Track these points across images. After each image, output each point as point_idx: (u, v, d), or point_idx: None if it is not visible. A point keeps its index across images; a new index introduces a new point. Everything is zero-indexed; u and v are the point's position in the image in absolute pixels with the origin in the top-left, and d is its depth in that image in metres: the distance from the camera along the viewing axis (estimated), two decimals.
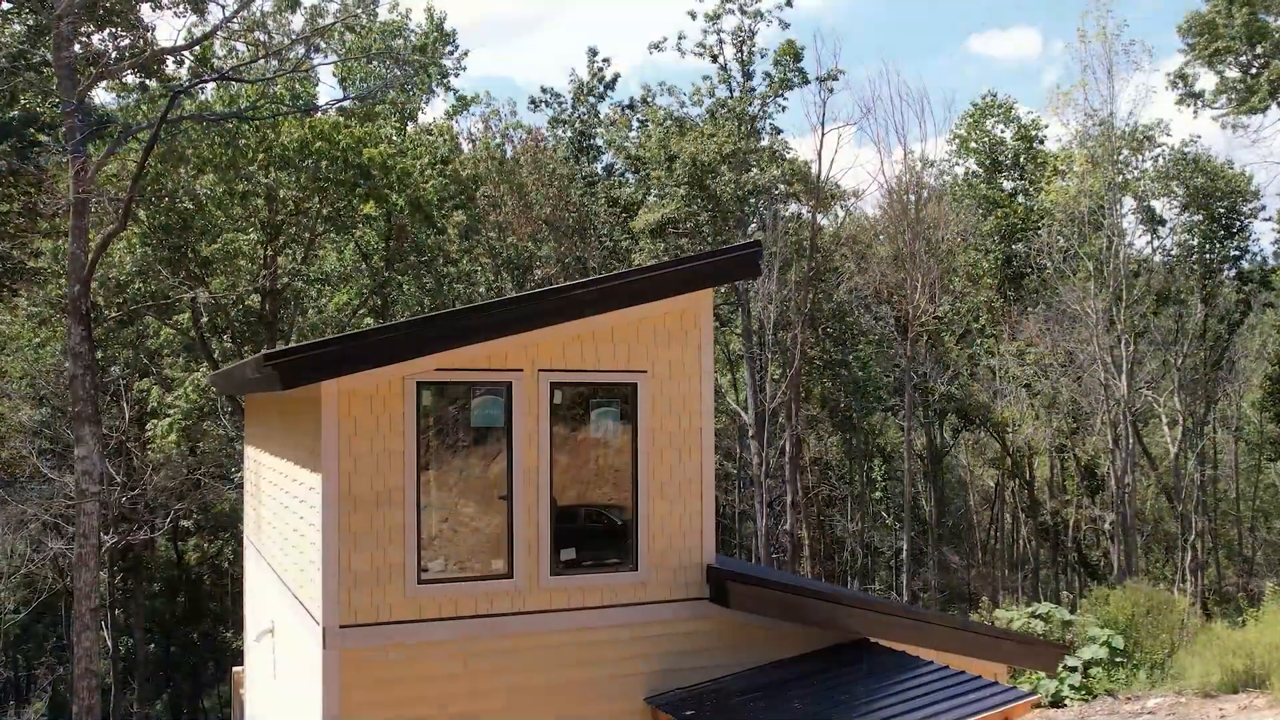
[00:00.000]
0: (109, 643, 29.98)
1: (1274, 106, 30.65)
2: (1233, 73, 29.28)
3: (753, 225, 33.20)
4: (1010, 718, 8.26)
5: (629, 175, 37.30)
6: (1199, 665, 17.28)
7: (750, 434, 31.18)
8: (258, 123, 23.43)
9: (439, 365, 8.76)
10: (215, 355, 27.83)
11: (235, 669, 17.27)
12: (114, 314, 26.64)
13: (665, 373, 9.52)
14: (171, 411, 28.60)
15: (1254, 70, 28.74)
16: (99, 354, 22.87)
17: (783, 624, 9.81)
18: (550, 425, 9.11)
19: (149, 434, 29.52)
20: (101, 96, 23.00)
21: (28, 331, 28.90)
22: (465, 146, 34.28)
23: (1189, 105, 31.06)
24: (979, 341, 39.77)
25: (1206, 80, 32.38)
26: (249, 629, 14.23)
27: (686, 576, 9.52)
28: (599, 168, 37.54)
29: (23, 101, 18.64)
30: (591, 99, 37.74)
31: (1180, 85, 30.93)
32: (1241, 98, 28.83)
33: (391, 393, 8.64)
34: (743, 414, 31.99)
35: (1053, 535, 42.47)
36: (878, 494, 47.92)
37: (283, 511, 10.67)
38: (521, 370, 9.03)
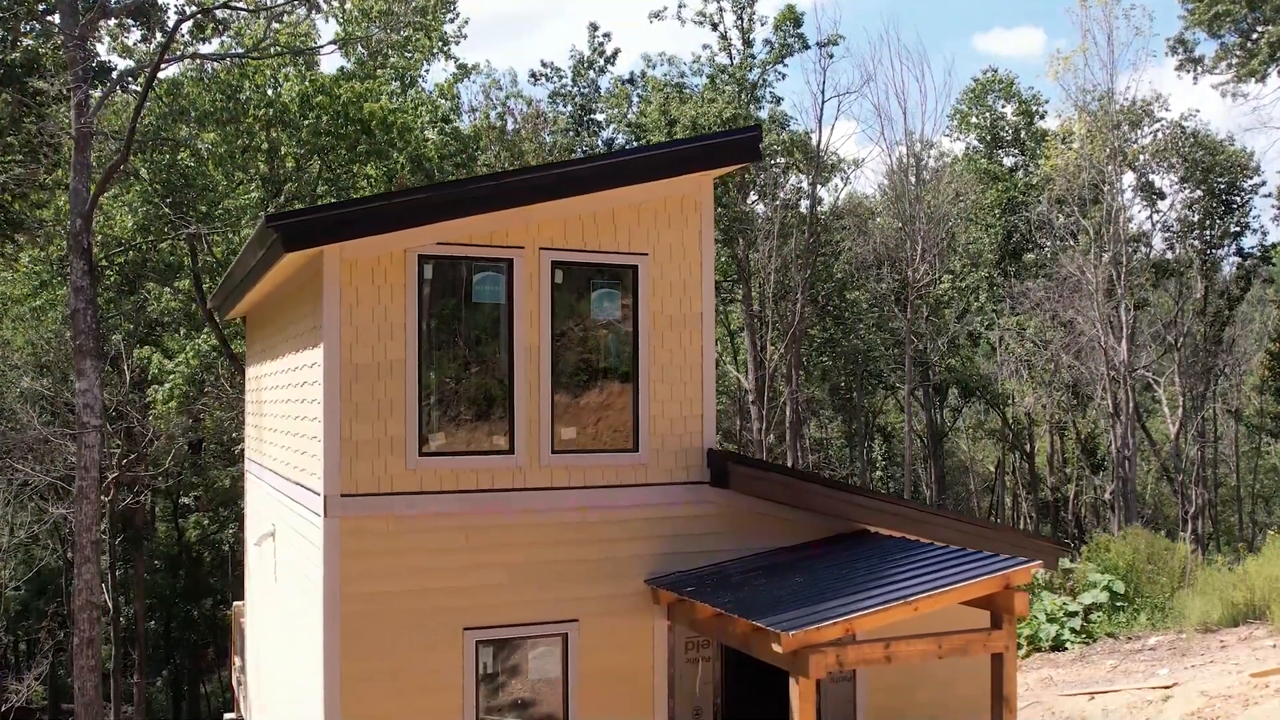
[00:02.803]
0: (109, 604, 29.92)
1: (1274, 74, 30.69)
2: (1232, 38, 29.30)
3: (753, 195, 33.25)
4: (1012, 583, 8.27)
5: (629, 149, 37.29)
6: (1199, 603, 17.29)
7: (751, 399, 31.21)
8: (258, 74, 23.44)
9: (440, 239, 8.77)
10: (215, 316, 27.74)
11: (235, 603, 17.29)
12: (115, 275, 26.63)
13: (666, 256, 9.53)
14: (172, 377, 28.59)
15: (1254, 35, 28.77)
16: (100, 322, 22.85)
17: (783, 511, 9.82)
18: (551, 304, 9.13)
19: (149, 399, 29.52)
20: (103, 53, 22.97)
21: (29, 296, 28.85)
22: (466, 120, 34.26)
23: (1189, 71, 31.13)
24: (979, 318, 39.80)
25: (1206, 47, 32.43)
26: (249, 538, 14.24)
27: (687, 460, 9.53)
28: (599, 141, 37.56)
29: (25, 44, 18.69)
30: (592, 73, 37.75)
31: (1180, 50, 30.99)
32: (1241, 62, 28.84)
33: (393, 265, 8.65)
34: (743, 379, 32.00)
35: (1053, 511, 42.49)
36: (878, 473, 47.95)
37: (284, 406, 10.69)
38: (522, 248, 9.04)
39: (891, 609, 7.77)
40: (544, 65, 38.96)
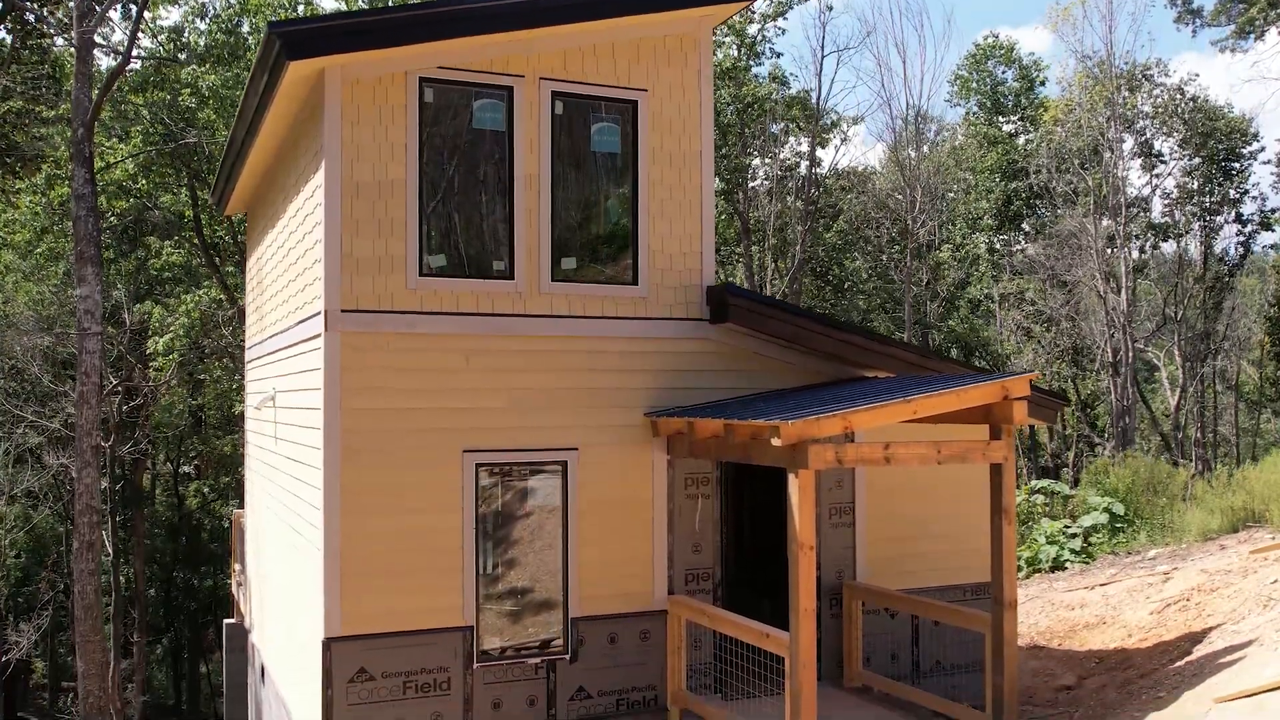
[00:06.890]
0: (110, 552, 29.90)
1: (1273, 32, 30.78)
2: None
3: (755, 159, 33.28)
4: (1010, 393, 8.29)
5: None
6: (1199, 515, 17.28)
7: None
8: (258, 15, 23.49)
9: (441, 63, 8.80)
10: (217, 262, 27.78)
11: (235, 511, 17.32)
12: (116, 221, 26.66)
13: (665, 94, 9.56)
14: (173, 327, 28.62)
15: None
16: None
17: (783, 354, 9.85)
18: (551, 134, 9.16)
19: (149, 350, 29.56)
20: None
21: (29, 246, 28.85)
22: None
23: (1188, 24, 31.22)
24: (979, 285, 39.83)
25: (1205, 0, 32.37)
26: (249, 406, 14.25)
27: (686, 296, 9.56)
28: None
29: None
30: None
31: (1179, 2, 31.08)
32: (1240, 13, 28.93)
33: (394, 86, 8.68)
34: None
35: (1052, 476, 42.44)
36: None
37: (287, 258, 10.70)
38: (523, 76, 9.07)
39: (891, 405, 7.80)
40: None
